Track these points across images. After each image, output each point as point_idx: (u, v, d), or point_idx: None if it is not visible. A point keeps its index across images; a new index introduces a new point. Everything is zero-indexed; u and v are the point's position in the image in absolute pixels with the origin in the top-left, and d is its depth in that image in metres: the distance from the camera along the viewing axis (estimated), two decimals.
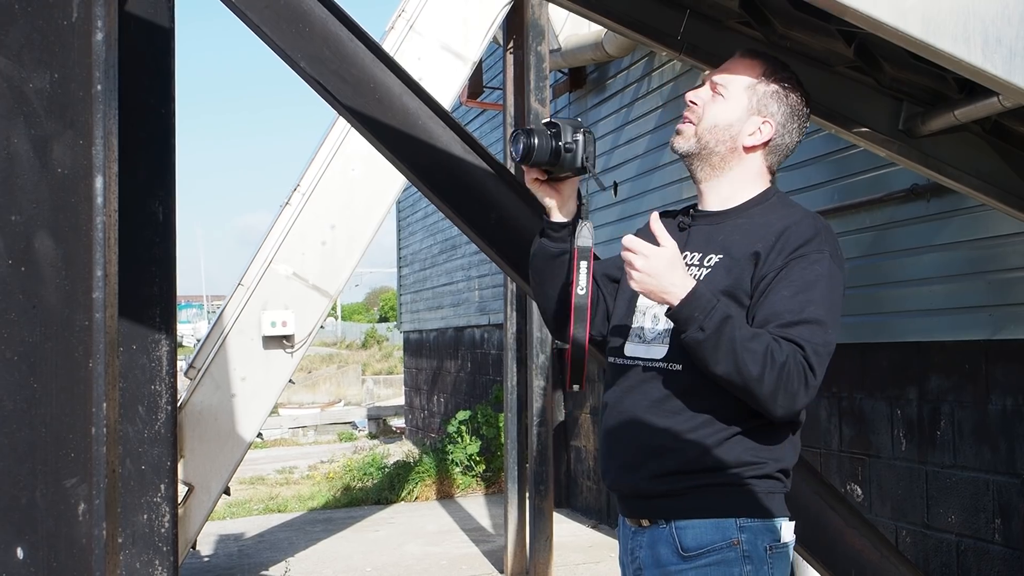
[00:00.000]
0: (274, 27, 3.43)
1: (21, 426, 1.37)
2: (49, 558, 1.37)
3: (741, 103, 2.44)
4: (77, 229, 1.39)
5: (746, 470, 2.29)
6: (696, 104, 2.46)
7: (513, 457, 7.90)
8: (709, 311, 2.17)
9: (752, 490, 2.30)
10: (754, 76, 2.45)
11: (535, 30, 7.69)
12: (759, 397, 2.17)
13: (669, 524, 2.31)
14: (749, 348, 2.15)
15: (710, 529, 2.28)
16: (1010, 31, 2.31)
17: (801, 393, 2.19)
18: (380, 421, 20.70)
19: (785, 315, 2.22)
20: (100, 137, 1.39)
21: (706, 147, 2.44)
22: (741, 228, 2.39)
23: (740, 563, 2.27)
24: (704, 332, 2.16)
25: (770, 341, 2.17)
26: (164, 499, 3.68)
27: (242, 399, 6.27)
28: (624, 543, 2.46)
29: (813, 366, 2.19)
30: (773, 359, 2.15)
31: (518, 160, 2.32)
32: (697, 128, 2.44)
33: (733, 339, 2.15)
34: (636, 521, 2.39)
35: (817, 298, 2.25)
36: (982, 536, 5.09)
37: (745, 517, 2.29)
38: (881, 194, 5.60)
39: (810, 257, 2.29)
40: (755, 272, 2.30)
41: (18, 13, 1.36)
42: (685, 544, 2.29)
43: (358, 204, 6.59)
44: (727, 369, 2.16)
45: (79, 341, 1.39)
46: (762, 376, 2.15)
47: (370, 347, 41.66)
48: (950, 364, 5.29)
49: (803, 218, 2.39)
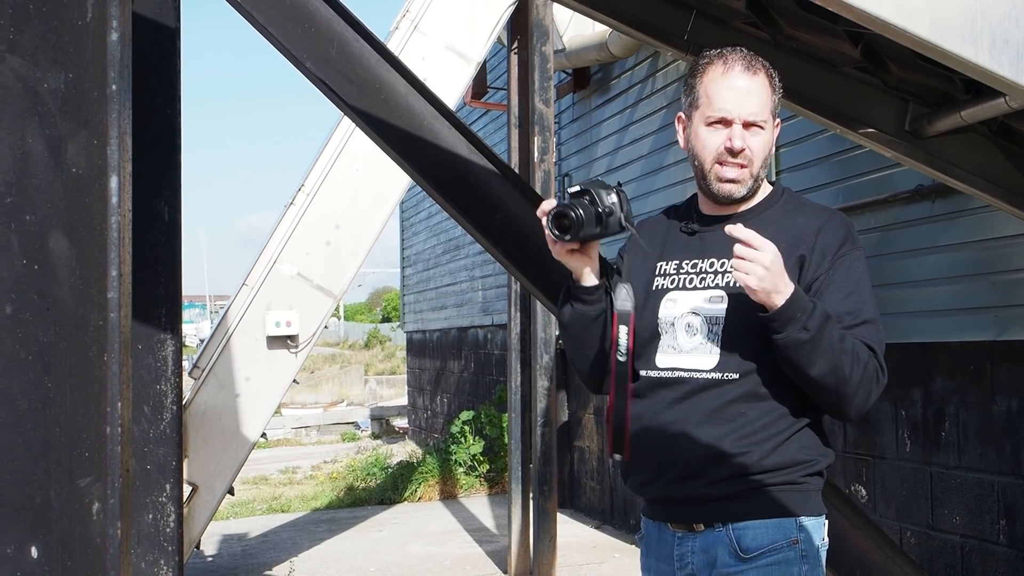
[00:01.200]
0: (280, 27, 3.44)
1: (36, 425, 1.37)
2: (63, 557, 1.37)
3: (771, 124, 2.40)
4: (91, 229, 1.40)
5: (801, 468, 2.31)
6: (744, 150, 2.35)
7: (517, 457, 7.90)
8: (811, 311, 2.16)
9: (807, 488, 2.33)
10: (770, 91, 2.39)
11: (539, 30, 7.70)
12: (845, 397, 2.21)
13: (726, 527, 2.30)
14: (844, 349, 2.17)
15: (771, 529, 2.29)
16: (1018, 32, 2.31)
17: (875, 391, 2.24)
18: (383, 421, 20.70)
19: (846, 318, 2.25)
20: (115, 137, 1.39)
21: (758, 179, 2.41)
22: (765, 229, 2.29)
23: (799, 562, 2.29)
24: (808, 332, 2.15)
25: (855, 342, 2.21)
26: (169, 499, 3.69)
27: (246, 399, 6.27)
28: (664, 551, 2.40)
29: (883, 365, 2.25)
30: (859, 359, 2.19)
31: (568, 239, 2.27)
32: (752, 169, 2.37)
33: (832, 339, 2.17)
34: (687, 527, 2.35)
35: (867, 296, 2.30)
36: (987, 537, 5.09)
37: (804, 516, 2.31)
38: (886, 195, 5.60)
39: (851, 256, 2.33)
40: (801, 275, 2.30)
41: (33, 13, 1.36)
42: (744, 545, 2.28)
43: (362, 204, 6.60)
44: (824, 370, 2.17)
45: (93, 341, 1.39)
46: (851, 376, 2.18)
47: (373, 347, 41.65)
48: (955, 365, 5.29)
49: (831, 216, 2.41)
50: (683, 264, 2.42)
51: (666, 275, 2.44)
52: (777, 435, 2.28)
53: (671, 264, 2.44)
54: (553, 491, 7.70)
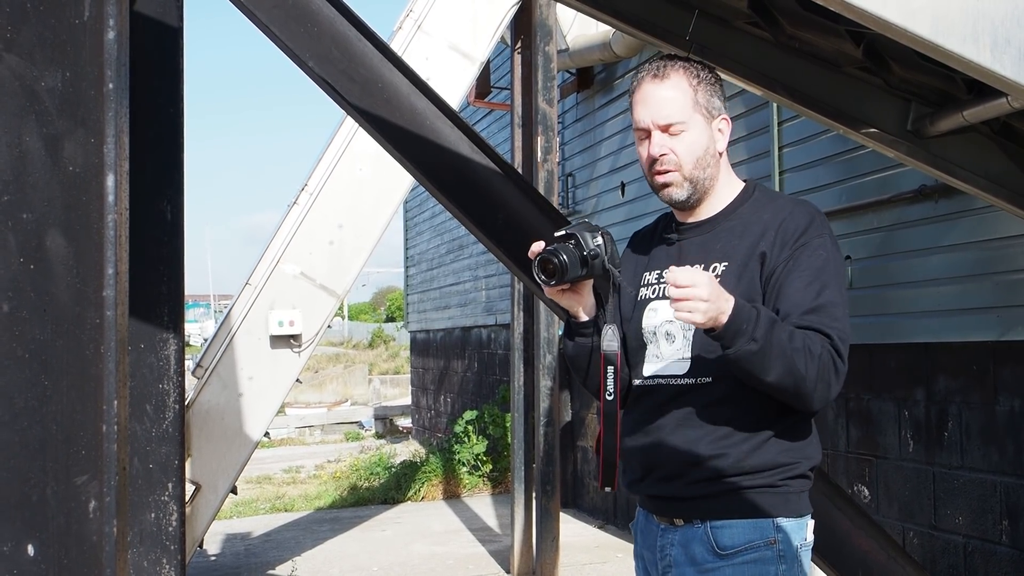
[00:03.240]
0: (282, 26, 3.44)
1: (32, 423, 1.37)
2: (60, 555, 1.37)
3: (699, 122, 2.40)
4: (88, 227, 1.40)
5: (782, 471, 2.32)
6: (665, 154, 2.39)
7: (520, 457, 7.90)
8: (755, 320, 2.16)
9: (787, 490, 2.34)
10: (687, 90, 2.40)
11: (543, 30, 7.70)
12: (804, 394, 2.20)
13: (704, 524, 2.34)
14: (796, 347, 2.17)
15: (748, 528, 2.31)
16: (1020, 32, 2.30)
17: (834, 381, 2.22)
18: (387, 421, 20.70)
19: (804, 304, 2.24)
20: (112, 135, 1.39)
21: (698, 180, 2.42)
22: (735, 230, 2.40)
23: (776, 562, 2.31)
24: (757, 342, 2.14)
25: (805, 336, 2.19)
26: (172, 498, 3.69)
27: (249, 398, 6.27)
28: (649, 540, 2.47)
29: (841, 352, 2.23)
30: (811, 353, 2.18)
31: (552, 284, 2.31)
32: (683, 172, 2.40)
33: (781, 341, 2.16)
34: (669, 520, 2.41)
35: (830, 282, 2.28)
36: (989, 538, 5.08)
37: (782, 517, 2.33)
38: (889, 195, 5.59)
39: (812, 244, 2.31)
40: (763, 271, 2.32)
41: (30, 12, 1.36)
42: (721, 543, 2.32)
43: (366, 204, 6.59)
44: (780, 373, 2.16)
45: (90, 339, 1.39)
46: (807, 373, 2.17)
47: (377, 347, 41.65)
48: (958, 365, 5.28)
49: (795, 207, 2.41)
50: (663, 274, 2.42)
51: (648, 285, 2.49)
52: (754, 436, 2.30)
53: (653, 274, 2.50)
54: (556, 491, 7.70)
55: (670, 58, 2.46)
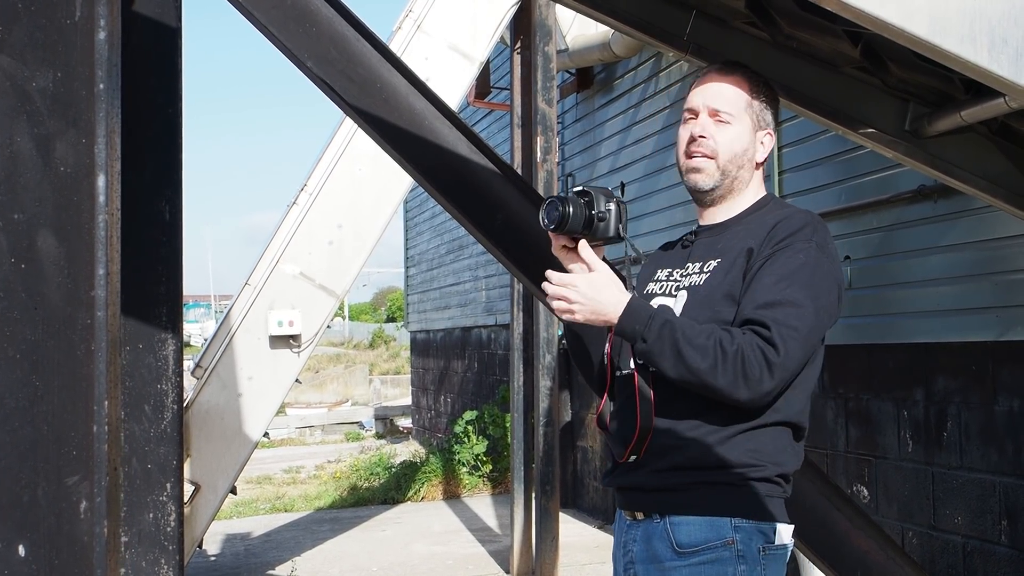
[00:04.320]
0: (281, 27, 3.44)
1: (23, 424, 1.37)
2: (50, 555, 1.37)
3: (747, 124, 2.47)
4: (79, 227, 1.40)
5: (745, 471, 2.30)
6: (705, 137, 2.46)
7: (519, 457, 7.91)
8: (647, 321, 2.22)
9: (749, 491, 2.31)
10: (746, 92, 2.48)
11: (542, 30, 7.70)
12: (718, 388, 2.19)
13: (664, 519, 2.33)
14: (695, 344, 2.18)
15: (704, 527, 2.30)
16: (1017, 32, 2.30)
17: (764, 375, 2.18)
18: (387, 421, 20.70)
19: (759, 300, 2.24)
20: (102, 136, 1.39)
21: (728, 175, 2.47)
22: (739, 234, 2.43)
23: (735, 562, 2.28)
24: (647, 342, 2.21)
25: (720, 333, 2.20)
26: (170, 498, 3.69)
27: (249, 398, 6.27)
28: (618, 536, 2.49)
29: (776, 344, 2.18)
30: (723, 349, 2.17)
31: (551, 228, 2.33)
32: (718, 161, 2.46)
33: (676, 341, 2.19)
34: (632, 514, 2.42)
35: (797, 282, 2.26)
36: (988, 538, 5.08)
37: (740, 518, 2.30)
38: (888, 195, 5.59)
39: (795, 247, 2.31)
40: (747, 267, 2.33)
41: (21, 12, 1.36)
42: (679, 540, 2.31)
43: (365, 204, 6.59)
44: (679, 371, 2.20)
45: (81, 339, 1.39)
46: (714, 367, 2.17)
47: (377, 347, 41.65)
48: (957, 365, 5.28)
49: (795, 213, 2.43)
50: (673, 272, 2.50)
51: (657, 281, 2.54)
52: (720, 431, 2.29)
53: (664, 272, 2.54)
54: (555, 491, 7.70)
55: (741, 63, 2.56)
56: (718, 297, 2.33)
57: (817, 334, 2.29)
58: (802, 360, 2.26)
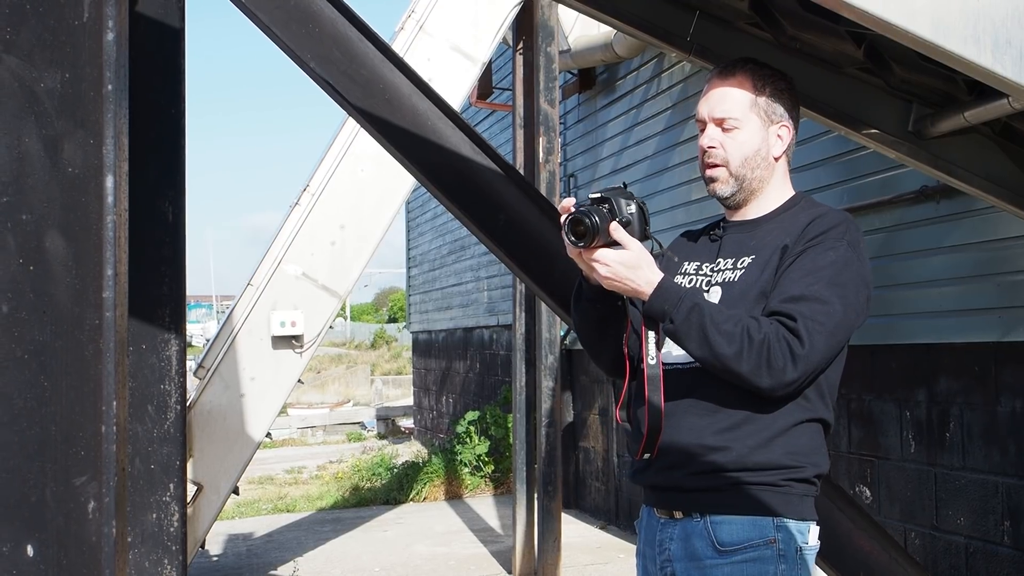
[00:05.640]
0: (284, 27, 3.44)
1: (31, 424, 1.37)
2: (59, 556, 1.37)
3: (755, 124, 2.47)
4: (87, 228, 1.40)
5: (786, 473, 2.32)
6: (714, 147, 2.47)
7: (521, 458, 7.90)
8: (676, 302, 2.25)
9: (790, 492, 2.33)
10: (750, 91, 2.47)
11: (545, 31, 7.70)
12: (741, 374, 2.22)
13: (704, 518, 2.34)
14: (722, 330, 2.21)
15: (747, 526, 2.31)
16: (1020, 33, 2.30)
17: (788, 365, 2.21)
18: (389, 421, 20.70)
19: (786, 293, 2.27)
20: (111, 137, 1.39)
21: (745, 179, 2.48)
22: (773, 231, 2.44)
23: (776, 561, 2.31)
24: (675, 323, 2.24)
25: (747, 321, 2.23)
26: (173, 498, 3.69)
27: (251, 399, 6.28)
28: (650, 534, 2.47)
29: (801, 336, 2.21)
30: (750, 337, 2.20)
31: (581, 246, 2.30)
32: (730, 168, 2.47)
33: (703, 324, 2.22)
34: (668, 513, 2.41)
35: (826, 278, 2.28)
36: (991, 538, 5.07)
37: (783, 517, 2.32)
38: (891, 196, 5.59)
39: (826, 244, 2.33)
40: (780, 263, 2.35)
41: (29, 13, 1.36)
42: (721, 539, 2.31)
43: (367, 204, 6.60)
44: (703, 353, 2.23)
45: (89, 340, 1.39)
46: (740, 354, 2.20)
47: (379, 347, 41.63)
48: (959, 366, 5.28)
49: (828, 211, 2.44)
50: (702, 266, 2.51)
51: (686, 274, 2.53)
52: (760, 432, 2.30)
53: (692, 265, 2.54)
54: (558, 491, 7.71)
55: (745, 60, 2.53)
56: (754, 295, 2.34)
57: (844, 331, 2.32)
58: (827, 355, 2.29)
